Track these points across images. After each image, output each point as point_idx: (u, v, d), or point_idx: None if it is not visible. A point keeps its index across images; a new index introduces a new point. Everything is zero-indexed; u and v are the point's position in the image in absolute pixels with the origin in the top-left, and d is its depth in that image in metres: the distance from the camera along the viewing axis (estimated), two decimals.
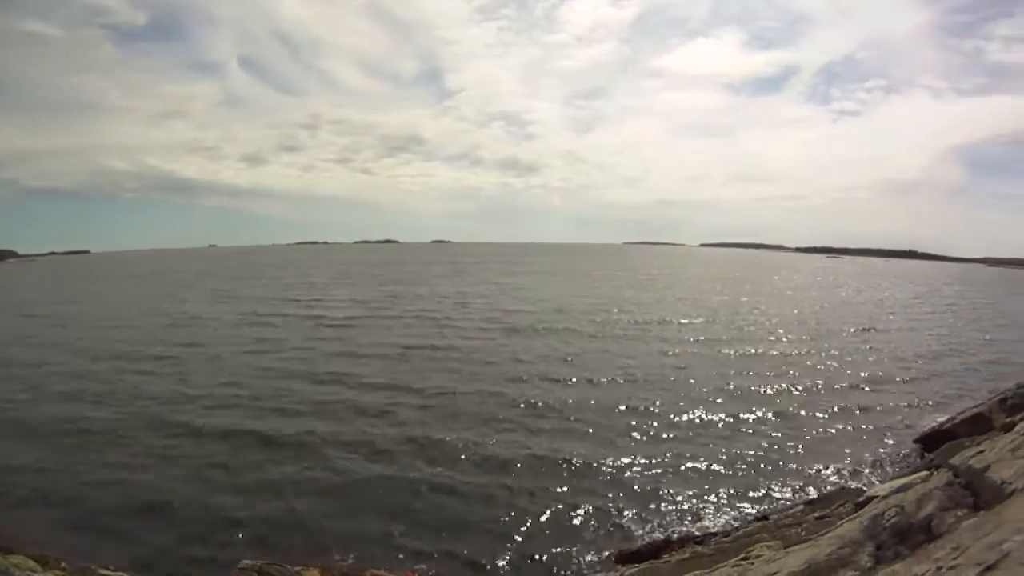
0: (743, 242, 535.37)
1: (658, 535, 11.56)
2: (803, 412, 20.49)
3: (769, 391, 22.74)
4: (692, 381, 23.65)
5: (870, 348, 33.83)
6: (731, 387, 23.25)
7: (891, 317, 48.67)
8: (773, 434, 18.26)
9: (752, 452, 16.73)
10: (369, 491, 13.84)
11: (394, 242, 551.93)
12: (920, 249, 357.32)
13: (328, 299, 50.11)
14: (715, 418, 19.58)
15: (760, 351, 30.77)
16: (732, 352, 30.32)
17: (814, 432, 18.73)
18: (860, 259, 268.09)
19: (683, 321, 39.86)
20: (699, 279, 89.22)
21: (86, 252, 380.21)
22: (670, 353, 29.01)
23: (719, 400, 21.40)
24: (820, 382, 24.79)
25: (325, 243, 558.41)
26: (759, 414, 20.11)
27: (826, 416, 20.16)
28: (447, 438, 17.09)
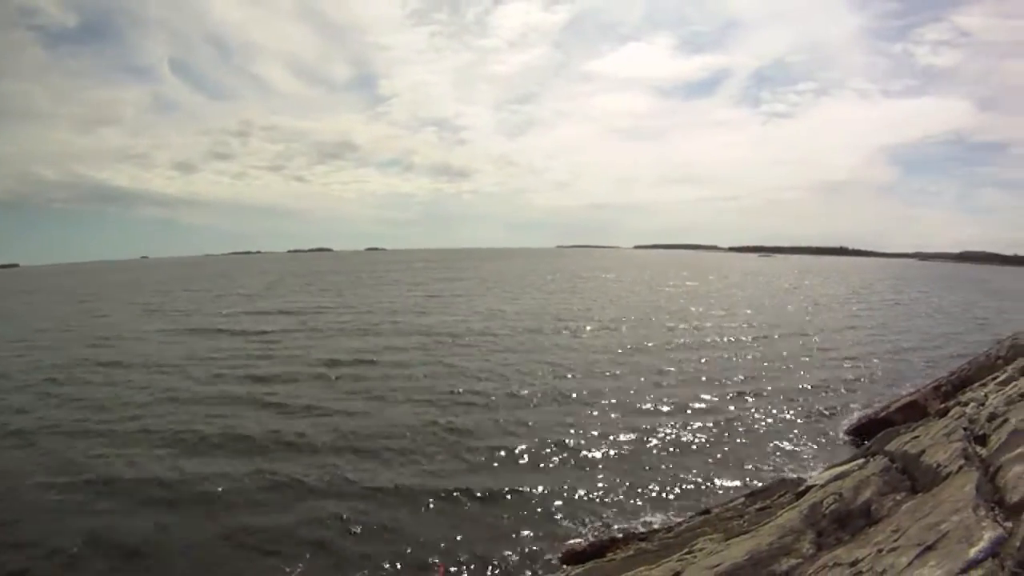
0: (677, 243, 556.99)
1: (603, 534, 11.58)
2: (742, 408, 21.04)
3: (707, 389, 23.22)
4: (629, 382, 23.91)
5: (807, 343, 34.73)
6: (668, 386, 23.64)
7: (827, 313, 50.68)
8: (714, 430, 18.64)
9: (694, 448, 17.02)
10: (304, 503, 13.23)
11: (328, 250, 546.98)
12: (851, 246, 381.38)
13: (255, 311, 48.27)
14: (653, 417, 19.80)
15: (698, 350, 31.46)
16: (669, 352, 30.90)
17: (754, 426, 19.25)
18: (792, 257, 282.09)
19: (616, 324, 40.40)
20: (631, 281, 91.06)
21: (15, 266, 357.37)
22: (605, 356, 29.25)
23: (656, 400, 21.68)
24: (758, 378, 25.61)
25: (259, 252, 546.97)
26: (698, 412, 20.51)
27: (765, 411, 20.76)
28: (377, 446, 16.66)
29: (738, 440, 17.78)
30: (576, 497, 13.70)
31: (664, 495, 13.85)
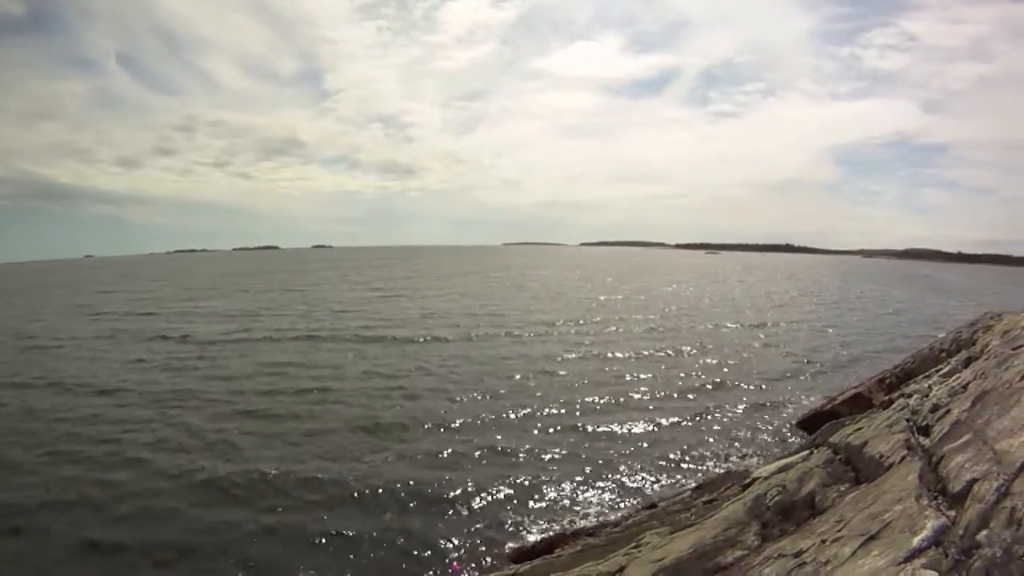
0: (624, 240, 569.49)
1: (552, 530, 11.65)
2: (690, 401, 21.48)
3: (654, 384, 23.57)
4: (573, 379, 24.01)
5: (755, 338, 35.90)
6: (614, 382, 23.88)
7: (776, 309, 53.07)
8: (662, 424, 18.96)
9: (642, 442, 17.27)
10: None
11: (275, 248, 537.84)
12: (796, 243, 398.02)
13: (196, 312, 46.21)
14: (601, 413, 19.98)
15: (643, 346, 31.94)
16: (614, 348, 31.23)
17: (702, 419, 19.68)
18: (738, 254, 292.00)
19: (560, 321, 40.63)
20: (579, 279, 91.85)
21: None
22: (548, 354, 29.36)
23: (603, 395, 21.86)
24: (706, 373, 26.16)
25: (204, 251, 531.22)
26: (645, 406, 20.80)
27: (713, 404, 21.23)
28: (314, 448, 16.30)
29: (686, 433, 18.14)
30: (525, 494, 13.72)
31: (613, 489, 14.01)
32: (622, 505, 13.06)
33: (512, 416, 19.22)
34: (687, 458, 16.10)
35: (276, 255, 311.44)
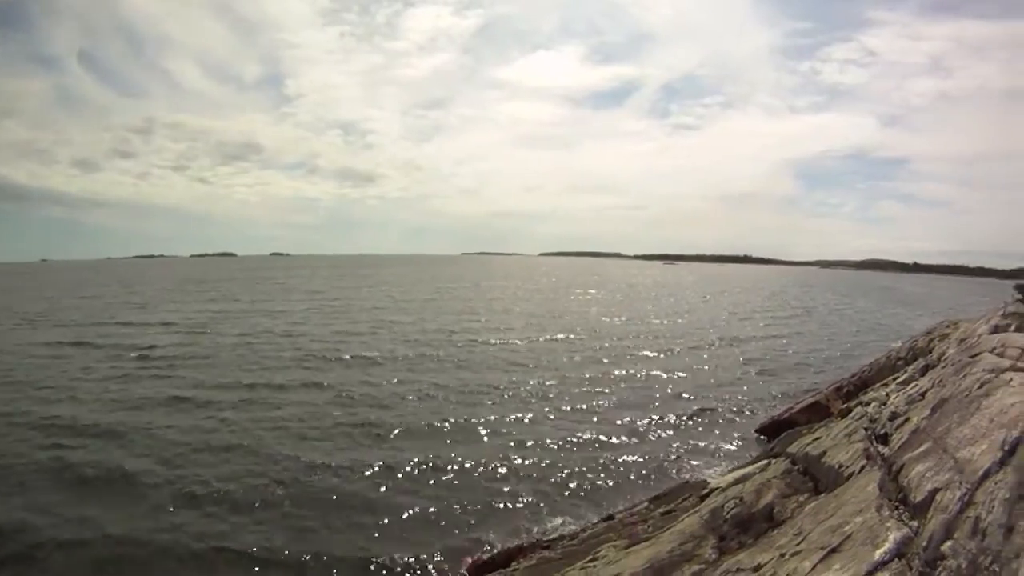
0: (582, 251, 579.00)
1: (508, 544, 11.56)
2: (648, 411, 21.61)
3: (610, 394, 23.68)
4: (530, 389, 23.94)
5: (714, 348, 36.48)
6: (572, 392, 23.86)
7: (735, 318, 53.26)
8: (619, 434, 19.05)
9: (600, 453, 17.29)
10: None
11: (232, 255, 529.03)
12: (754, 254, 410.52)
13: (146, 322, 44.37)
14: (558, 423, 19.98)
15: (601, 357, 32.05)
16: (573, 358, 31.26)
17: (659, 429, 19.85)
18: (695, 265, 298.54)
19: (518, 331, 40.55)
20: (535, 289, 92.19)
21: None
22: (504, 364, 29.20)
23: (561, 406, 21.84)
24: (665, 383, 26.48)
25: (162, 256, 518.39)
26: (602, 416, 20.87)
27: (671, 413, 21.42)
28: (265, 464, 15.78)
29: (644, 443, 18.23)
30: (482, 507, 13.56)
31: (570, 501, 13.97)
32: (579, 517, 13.01)
33: (466, 430, 18.98)
34: (645, 468, 16.15)
35: (233, 262, 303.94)
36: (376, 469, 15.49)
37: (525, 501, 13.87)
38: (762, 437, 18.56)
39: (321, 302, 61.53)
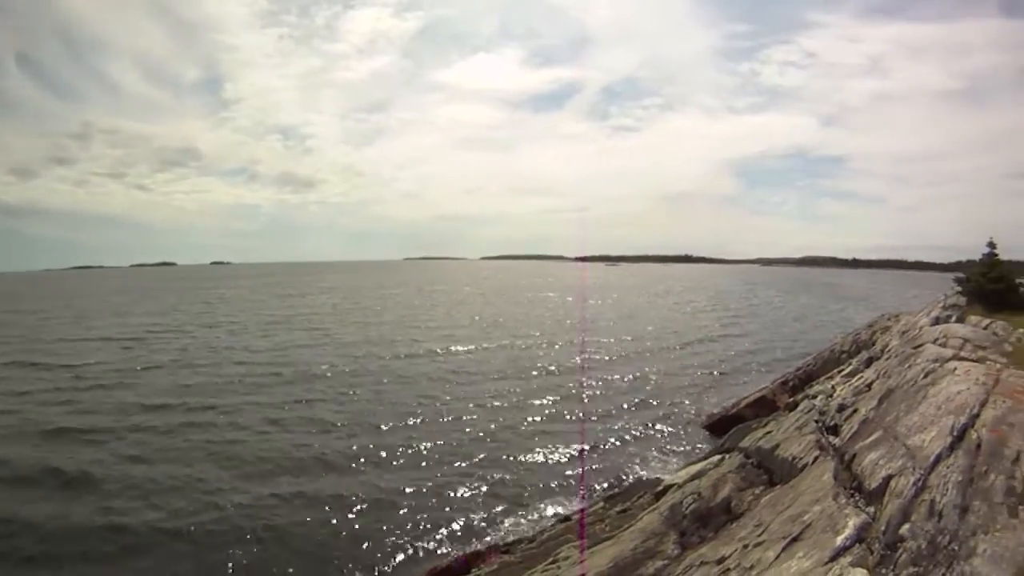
0: (524, 254, 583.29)
1: (466, 549, 11.52)
2: (594, 411, 21.82)
3: (559, 396, 23.77)
4: (480, 393, 23.70)
5: (659, 347, 36.90)
6: (521, 394, 23.81)
7: (679, 317, 54.30)
8: (569, 437, 19.19)
9: (552, 454, 17.40)
10: None
11: (172, 264, 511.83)
12: (695, 254, 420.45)
13: (74, 338, 42.15)
14: (509, 426, 19.98)
15: (546, 359, 32.23)
16: (520, 361, 31.31)
17: (609, 429, 20.10)
18: (637, 265, 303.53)
19: (463, 337, 40.32)
20: (479, 293, 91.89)
21: None
22: (451, 371, 29.00)
23: (511, 409, 21.80)
24: (612, 383, 26.79)
25: (101, 267, 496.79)
26: (550, 418, 21.03)
27: (619, 413, 21.71)
28: (220, 481, 15.28)
29: (594, 444, 18.41)
30: (437, 514, 13.45)
31: (525, 505, 13.98)
32: (536, 520, 13.07)
33: (412, 441, 18.78)
34: (596, 469, 16.35)
35: (174, 272, 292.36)
36: (323, 490, 15.06)
37: (480, 507, 13.83)
38: (711, 433, 18.92)
39: (261, 312, 60.07)
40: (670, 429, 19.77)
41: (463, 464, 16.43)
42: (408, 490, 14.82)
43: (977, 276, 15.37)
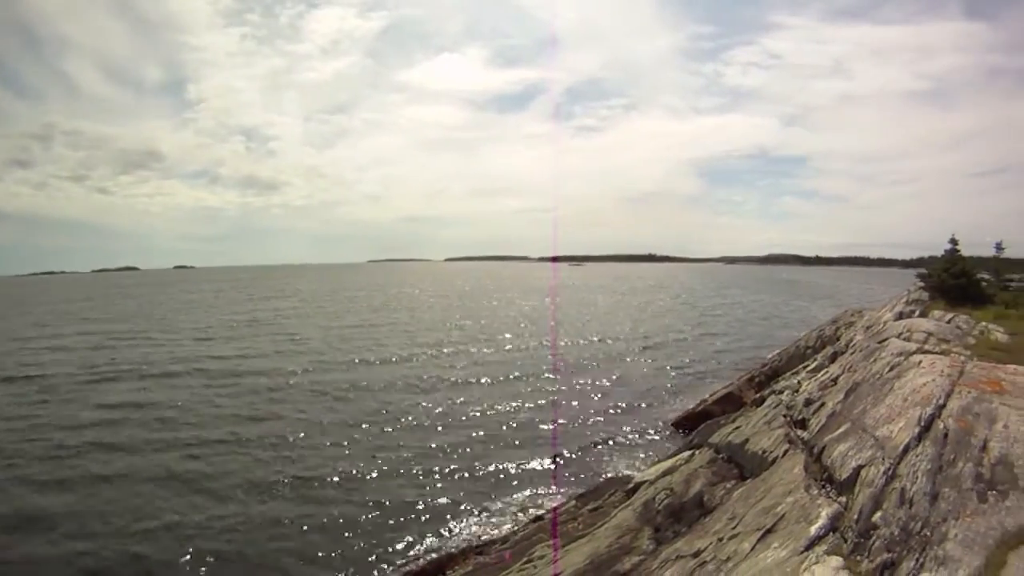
0: (489, 255, 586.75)
1: (440, 552, 11.53)
2: (563, 410, 22.15)
3: (525, 398, 23.94)
4: (447, 397, 23.81)
5: (627, 345, 37.67)
6: (491, 396, 23.93)
7: (645, 316, 54.99)
8: (537, 435, 19.36)
9: (522, 454, 17.51)
10: None
11: (135, 269, 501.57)
12: (659, 253, 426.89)
13: (32, 347, 40.72)
14: (477, 428, 20.07)
15: (513, 360, 32.41)
16: (487, 362, 31.45)
17: (578, 428, 20.32)
18: (602, 265, 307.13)
19: (430, 341, 40.25)
20: (441, 295, 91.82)
21: None
22: (426, 375, 29.04)
23: (480, 410, 21.91)
24: (577, 383, 27.09)
25: (63, 273, 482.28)
26: (520, 418, 21.18)
27: (590, 412, 21.95)
28: (190, 488, 15.00)
29: (563, 443, 18.57)
30: (408, 519, 13.42)
31: (497, 505, 14.04)
32: (508, 520, 13.14)
33: (385, 442, 18.71)
34: (567, 468, 16.50)
35: (136, 277, 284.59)
36: (289, 500, 14.82)
37: (452, 510, 13.83)
38: (679, 430, 19.19)
39: (224, 317, 59.07)
40: (639, 427, 19.99)
41: (433, 467, 16.41)
42: (377, 496, 14.73)
43: (939, 272, 15.96)
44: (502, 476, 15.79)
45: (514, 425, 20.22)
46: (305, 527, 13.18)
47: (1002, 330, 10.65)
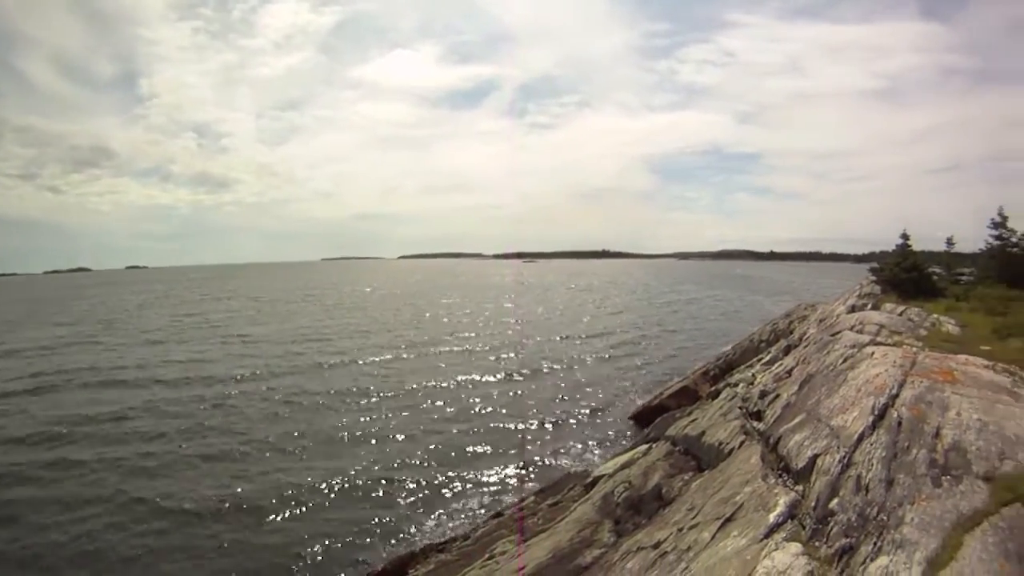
0: (442, 252, 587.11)
1: (402, 550, 11.50)
2: (520, 410, 22.26)
3: (483, 395, 24.05)
4: (401, 397, 23.68)
5: (583, 342, 36.16)
6: (444, 397, 23.97)
7: (597, 313, 55.63)
8: (496, 432, 19.50)
9: (480, 453, 17.57)
10: None
11: (87, 270, 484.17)
12: (612, 249, 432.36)
13: None
14: (437, 425, 20.13)
15: (470, 358, 32.46)
16: (439, 361, 31.02)
17: (537, 424, 20.51)
18: (556, 261, 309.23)
19: (385, 342, 39.94)
20: (395, 294, 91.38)
21: None
22: (374, 374, 28.85)
23: (436, 409, 21.91)
24: (534, 380, 27.38)
25: (14, 275, 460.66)
26: (475, 415, 21.30)
27: (543, 410, 22.17)
28: (151, 490, 14.59)
29: (521, 441, 18.65)
30: (370, 520, 13.33)
31: (457, 503, 14.07)
32: (469, 517, 13.16)
33: (343, 443, 18.52)
34: (527, 464, 16.59)
35: (88, 278, 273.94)
36: (246, 505, 14.57)
37: (413, 509, 13.81)
38: (636, 424, 19.48)
39: (176, 320, 57.62)
40: (597, 422, 20.24)
41: (393, 466, 16.34)
42: (337, 499, 14.61)
43: (891, 266, 16.53)
44: (462, 474, 15.80)
45: (473, 424, 20.22)
46: (261, 528, 13.01)
47: (953, 322, 11.08)
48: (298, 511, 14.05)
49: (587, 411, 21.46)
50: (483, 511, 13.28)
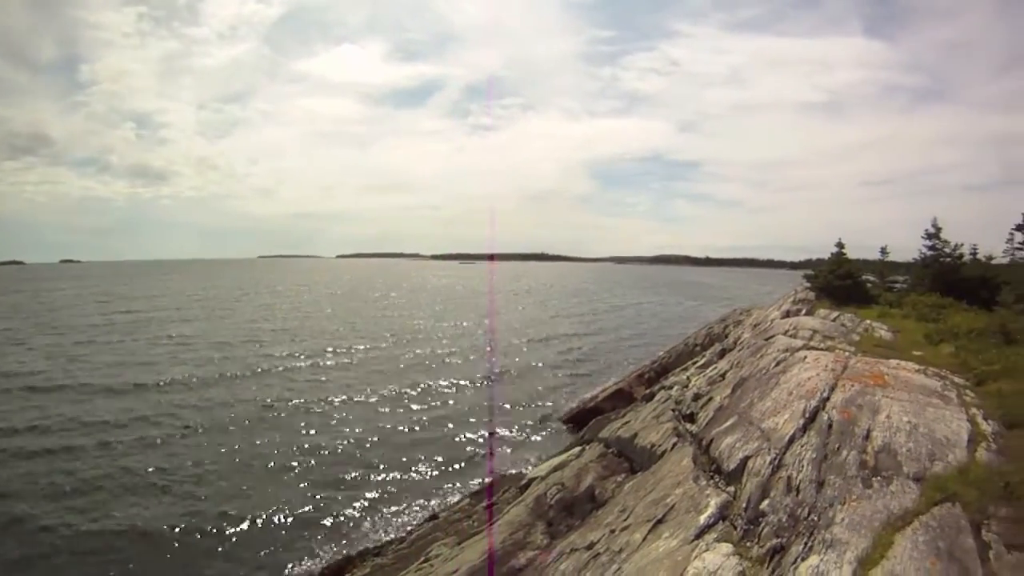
0: (380, 252, 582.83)
1: (337, 555, 11.29)
2: (454, 413, 22.08)
3: (415, 400, 23.76)
4: (336, 401, 23.28)
5: (519, 344, 36.65)
6: (377, 402, 23.57)
7: (535, 316, 56.04)
8: (426, 434, 19.36)
9: (413, 455, 17.37)
10: None
11: (20, 263, 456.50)
12: (551, 252, 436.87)
13: None
14: (368, 430, 19.77)
15: (403, 363, 32.13)
16: (373, 367, 30.90)
17: (468, 430, 20.41)
18: (495, 263, 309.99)
19: (310, 345, 39.19)
20: (330, 294, 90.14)
21: None
22: (308, 378, 28.29)
23: (368, 413, 21.58)
24: (467, 384, 27.21)
25: None
26: (407, 417, 21.12)
27: (478, 414, 22.12)
28: (75, 501, 13.76)
29: (455, 444, 18.55)
30: (303, 526, 13.01)
31: (392, 507, 13.90)
32: (404, 521, 13.01)
33: (274, 448, 18.06)
34: (459, 467, 16.50)
35: (20, 272, 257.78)
36: (172, 513, 14.04)
37: (347, 513, 13.61)
38: (570, 427, 19.60)
39: (107, 317, 55.09)
40: (532, 425, 20.30)
41: (325, 470, 16.07)
42: (269, 505, 14.20)
43: (826, 273, 17.18)
44: (396, 479, 15.64)
45: (407, 427, 20.02)
46: (191, 540, 12.51)
47: (886, 327, 11.52)
48: (228, 519, 13.63)
49: (523, 413, 21.51)
50: (419, 514, 13.17)
